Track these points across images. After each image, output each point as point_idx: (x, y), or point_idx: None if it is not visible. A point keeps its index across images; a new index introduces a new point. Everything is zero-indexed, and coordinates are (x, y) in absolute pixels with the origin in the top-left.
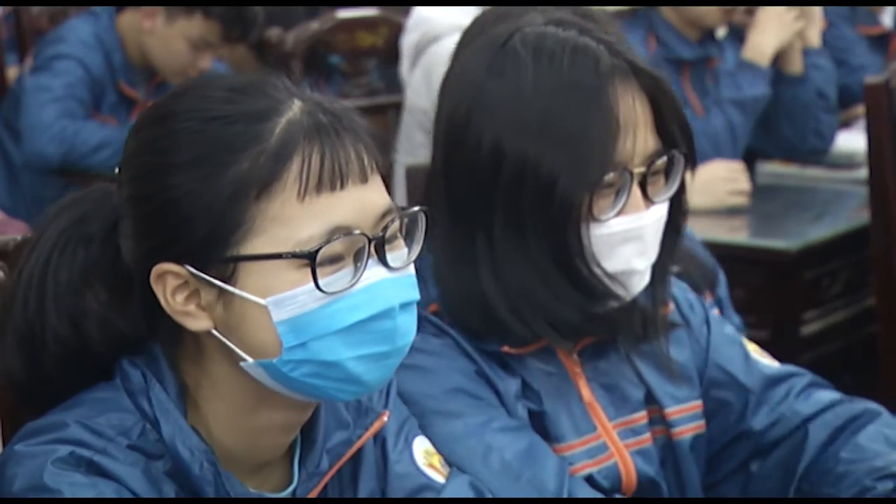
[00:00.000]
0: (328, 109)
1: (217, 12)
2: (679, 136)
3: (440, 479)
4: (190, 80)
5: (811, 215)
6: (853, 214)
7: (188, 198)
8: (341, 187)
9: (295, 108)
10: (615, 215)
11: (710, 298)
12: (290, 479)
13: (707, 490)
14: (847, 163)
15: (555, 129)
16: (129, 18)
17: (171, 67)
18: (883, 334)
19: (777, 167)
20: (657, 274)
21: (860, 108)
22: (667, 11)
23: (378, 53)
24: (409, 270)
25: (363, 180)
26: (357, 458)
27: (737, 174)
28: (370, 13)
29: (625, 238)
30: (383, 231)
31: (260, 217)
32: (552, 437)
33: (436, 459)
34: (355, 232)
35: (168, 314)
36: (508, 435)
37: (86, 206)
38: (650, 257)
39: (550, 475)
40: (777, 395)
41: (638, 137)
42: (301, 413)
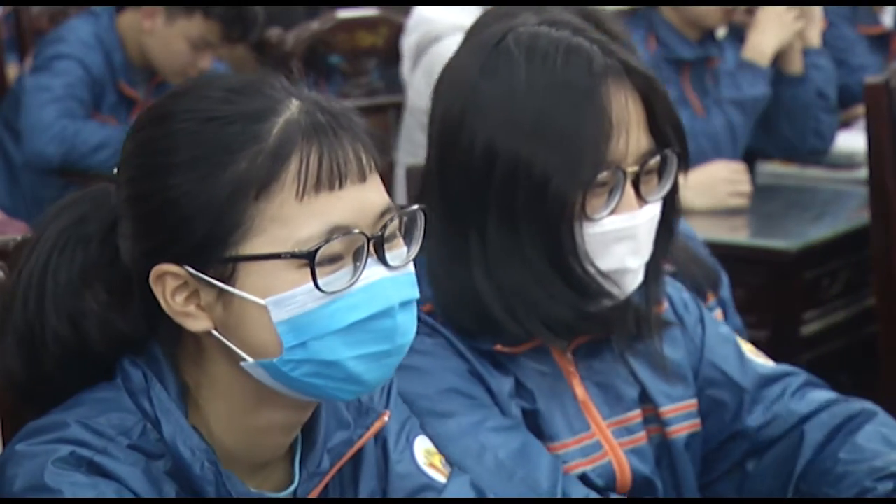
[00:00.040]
0: (326, 109)
1: (217, 12)
2: (672, 136)
3: (441, 479)
4: (188, 80)
5: (811, 215)
6: (853, 214)
7: (187, 198)
8: (340, 187)
9: (293, 108)
10: (608, 214)
11: (712, 299)
12: (291, 479)
13: (703, 489)
14: (847, 163)
15: (548, 128)
16: (129, 18)
17: (171, 67)
18: (883, 334)
19: (777, 167)
20: (651, 273)
21: (860, 108)
22: (667, 11)
23: (378, 53)
24: (409, 269)
25: (362, 179)
26: (358, 458)
27: (738, 175)
28: (370, 13)
29: (618, 237)
30: (382, 230)
31: (259, 217)
32: (546, 436)
33: (437, 459)
34: (354, 231)
35: (168, 315)
36: (502, 434)
37: (85, 206)
38: (643, 256)
39: (544, 474)
40: (772, 394)
41: (631, 137)
42: (301, 413)
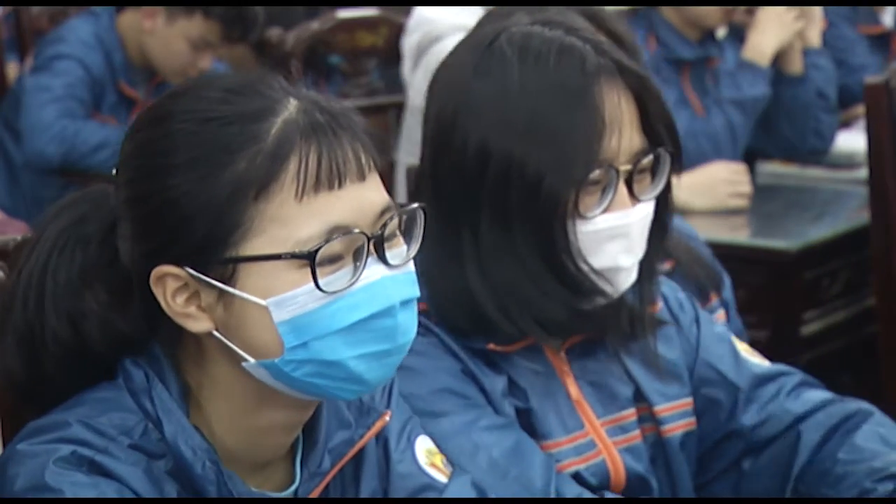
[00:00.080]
0: (325, 108)
1: (217, 12)
2: (665, 135)
3: (442, 479)
4: (186, 80)
5: (811, 215)
6: (853, 214)
7: (186, 199)
8: (339, 186)
9: (291, 108)
10: (601, 212)
11: (715, 300)
12: (293, 479)
13: (699, 489)
14: (847, 163)
15: (541, 128)
16: (130, 18)
17: (172, 67)
18: (883, 334)
19: (777, 167)
20: (644, 272)
21: (860, 108)
22: (667, 11)
23: (378, 53)
24: (409, 267)
25: (361, 178)
26: (359, 458)
27: (738, 176)
28: (370, 13)
29: (611, 235)
30: (382, 229)
31: (258, 217)
32: (539, 435)
33: (438, 459)
34: (354, 231)
35: (168, 316)
36: (495, 433)
37: (85, 206)
38: (637, 254)
39: (537, 473)
40: (767, 393)
41: (623, 135)
42: (302, 412)
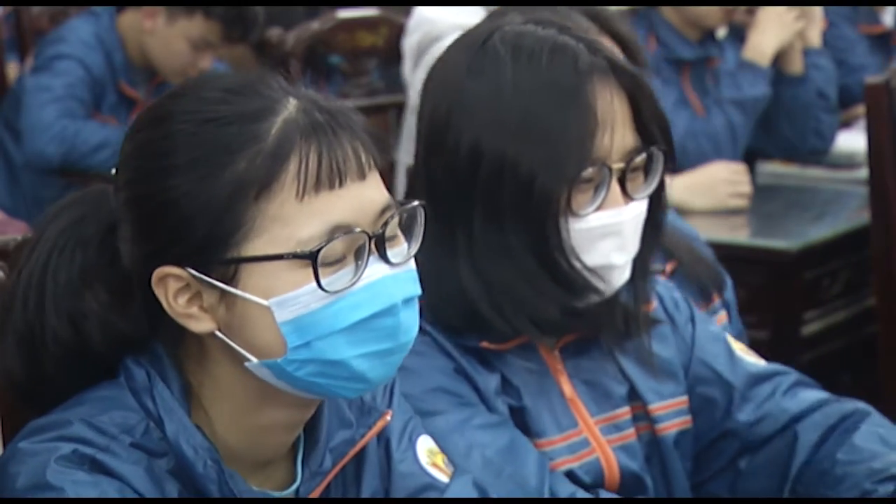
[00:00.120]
0: (324, 107)
1: (218, 12)
2: (658, 134)
3: (444, 479)
4: (185, 81)
5: (811, 215)
6: (853, 214)
7: (187, 199)
8: (340, 185)
9: (290, 107)
10: (594, 210)
11: (717, 301)
12: (294, 478)
13: (696, 488)
14: (847, 163)
15: (533, 126)
16: (130, 18)
17: (172, 67)
18: (883, 334)
19: (777, 167)
20: (638, 271)
21: (860, 108)
22: (667, 11)
23: (378, 53)
24: (410, 265)
25: (361, 177)
26: (360, 458)
27: (738, 176)
28: (370, 13)
29: (604, 233)
30: (383, 228)
31: (260, 217)
32: (533, 433)
33: (439, 459)
34: (356, 230)
35: (170, 316)
36: (490, 432)
37: (84, 206)
38: (630, 252)
39: (531, 471)
40: (762, 392)
41: (616, 133)
42: (304, 411)
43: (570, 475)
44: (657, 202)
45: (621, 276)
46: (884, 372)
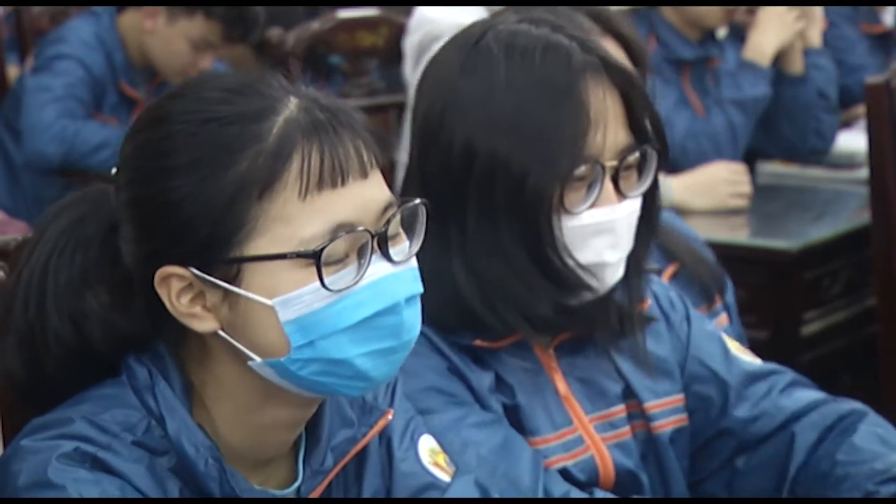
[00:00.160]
0: (325, 106)
1: (218, 12)
2: (651, 132)
3: (445, 478)
4: (185, 81)
5: (812, 215)
6: (854, 214)
7: (189, 199)
8: (342, 184)
9: (291, 106)
10: (587, 208)
11: (719, 303)
12: (295, 477)
13: (693, 488)
14: (848, 163)
15: (526, 124)
16: (131, 18)
17: (172, 67)
18: (883, 334)
19: (777, 167)
20: (632, 269)
21: (861, 108)
22: (667, 11)
23: (379, 53)
24: (412, 263)
25: (363, 176)
26: (362, 456)
27: (739, 176)
28: (370, 13)
29: (597, 230)
30: (385, 226)
31: (262, 217)
32: (527, 431)
33: (441, 458)
34: (359, 229)
35: (172, 315)
36: (484, 430)
37: (85, 206)
38: (623, 250)
39: (525, 469)
40: (758, 391)
41: (609, 131)
42: (306, 409)
43: (565, 473)
44: (651, 200)
45: (615, 274)
46: (884, 372)
